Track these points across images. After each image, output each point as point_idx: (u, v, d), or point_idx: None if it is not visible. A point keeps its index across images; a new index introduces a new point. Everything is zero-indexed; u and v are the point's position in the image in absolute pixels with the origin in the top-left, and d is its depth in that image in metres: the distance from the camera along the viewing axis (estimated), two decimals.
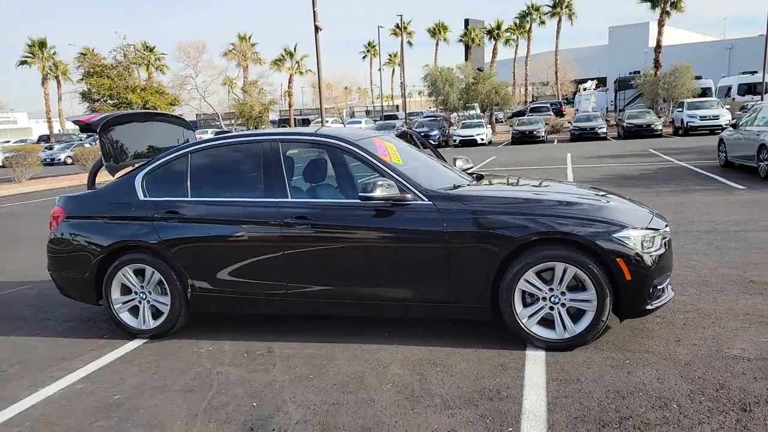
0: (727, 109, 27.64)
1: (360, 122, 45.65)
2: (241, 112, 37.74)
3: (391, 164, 4.05)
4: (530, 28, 55.91)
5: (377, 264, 3.91)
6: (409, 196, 3.87)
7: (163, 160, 4.51)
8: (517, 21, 55.90)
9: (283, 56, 49.34)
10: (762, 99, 31.70)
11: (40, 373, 3.94)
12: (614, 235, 3.52)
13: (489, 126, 34.07)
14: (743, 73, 35.34)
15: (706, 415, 2.79)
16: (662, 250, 3.66)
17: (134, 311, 4.48)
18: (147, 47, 45.39)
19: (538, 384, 3.23)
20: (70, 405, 3.40)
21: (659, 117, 29.28)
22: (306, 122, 49.14)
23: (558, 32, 53.93)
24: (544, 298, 3.67)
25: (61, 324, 4.96)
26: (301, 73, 50.16)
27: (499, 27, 49.63)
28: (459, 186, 4.15)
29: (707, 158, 15.29)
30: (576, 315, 3.65)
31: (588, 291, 3.57)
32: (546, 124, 31.65)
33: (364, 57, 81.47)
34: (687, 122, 26.99)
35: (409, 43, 69.90)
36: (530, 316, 3.70)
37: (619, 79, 37.91)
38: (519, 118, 33.49)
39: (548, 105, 40.48)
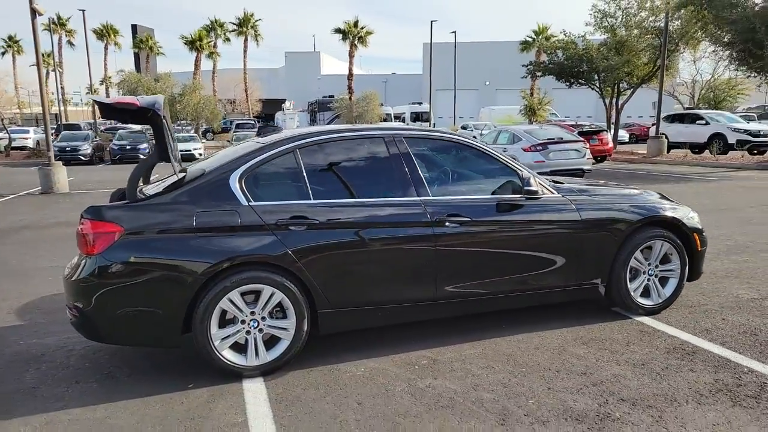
0: None
1: (28, 131, 38.22)
2: None
3: (519, 163, 4.30)
4: (215, 44, 55.67)
5: (525, 255, 4.10)
6: (545, 190, 4.20)
7: (263, 157, 3.73)
8: (201, 35, 54.91)
9: None
10: (429, 124, 38.98)
11: None
12: (690, 215, 4.58)
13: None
14: (413, 103, 42.85)
15: None
16: None
17: (237, 345, 3.57)
18: None
19: (693, 339, 4.01)
20: None
21: None
22: None
23: (245, 51, 55.07)
24: (644, 272, 4.48)
25: (79, 387, 3.52)
26: None
27: (201, 38, 47.94)
28: (558, 183, 4.61)
29: None
30: (662, 283, 4.56)
31: (673, 262, 4.52)
32: None
33: (3, 53, 68.04)
34: None
35: (71, 44, 61.70)
36: (635, 289, 4.45)
37: (319, 101, 41.30)
38: (235, 133, 33.36)
39: (252, 122, 41.14)
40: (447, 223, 3.88)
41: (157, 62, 63.39)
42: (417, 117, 40.67)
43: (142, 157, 28.12)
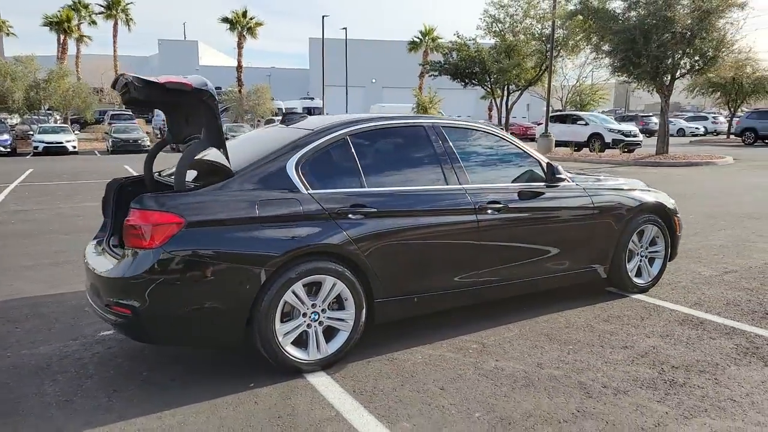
0: None
1: None
2: None
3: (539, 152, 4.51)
4: (79, 26, 50.91)
5: (549, 240, 4.32)
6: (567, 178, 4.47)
7: (317, 144, 3.59)
8: (69, 15, 49.91)
9: None
10: None
11: None
12: (671, 201, 5.08)
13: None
14: (304, 98, 42.36)
15: None
16: None
17: (298, 340, 3.41)
18: None
19: (693, 311, 4.47)
20: None
21: None
22: None
23: (115, 36, 50.98)
24: (637, 254, 4.90)
25: (121, 395, 3.16)
26: None
27: (68, 20, 43.22)
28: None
29: None
30: (650, 263, 5.02)
31: (659, 245, 4.99)
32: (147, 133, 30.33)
33: None
34: None
35: None
36: (631, 270, 4.86)
37: None
38: (114, 125, 30.80)
39: (129, 113, 38.02)
40: (488, 210, 3.98)
41: (3, 44, 56.91)
42: (309, 112, 40.16)
43: (2, 149, 25.10)
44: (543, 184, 4.35)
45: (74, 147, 26.99)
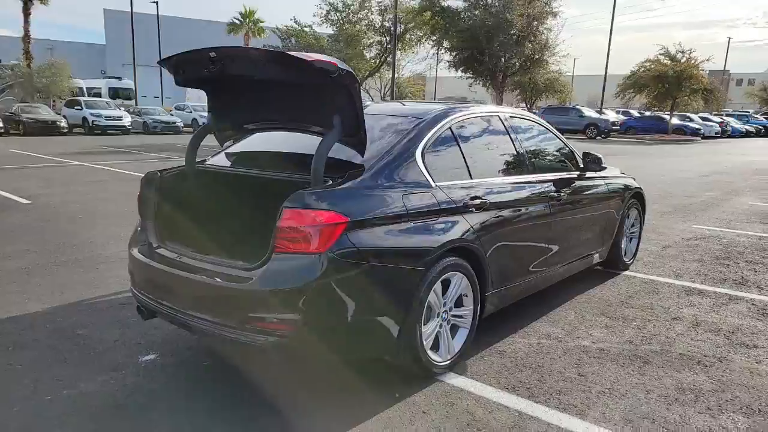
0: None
1: None
2: None
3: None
4: None
5: (587, 225, 4.59)
6: None
7: (431, 134, 3.34)
8: None
9: None
10: (135, 103, 35.17)
11: None
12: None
13: None
14: (110, 78, 37.83)
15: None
16: None
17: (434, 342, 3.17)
18: None
19: (686, 283, 5.09)
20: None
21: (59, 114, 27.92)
22: None
23: None
24: (626, 235, 5.41)
25: (262, 422, 2.61)
26: None
27: None
28: None
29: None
30: (630, 242, 5.59)
31: (636, 226, 5.59)
32: None
33: None
34: (93, 121, 27.40)
35: None
36: (623, 249, 5.36)
37: None
38: None
39: None
40: (555, 199, 4.08)
41: None
42: (116, 94, 36.01)
43: None
44: (577, 173, 4.56)
45: None
